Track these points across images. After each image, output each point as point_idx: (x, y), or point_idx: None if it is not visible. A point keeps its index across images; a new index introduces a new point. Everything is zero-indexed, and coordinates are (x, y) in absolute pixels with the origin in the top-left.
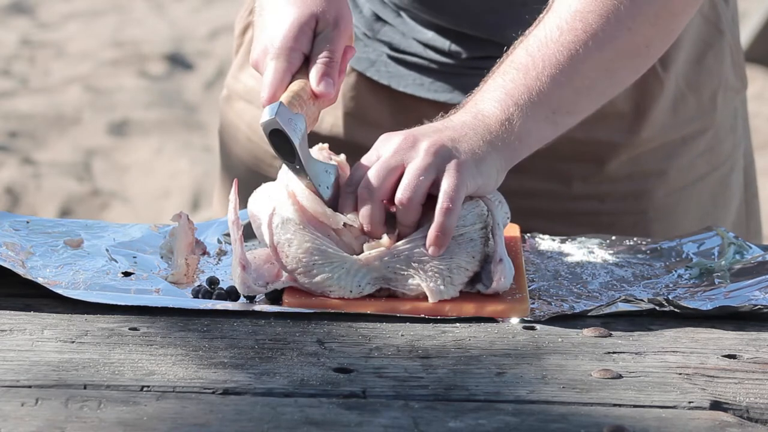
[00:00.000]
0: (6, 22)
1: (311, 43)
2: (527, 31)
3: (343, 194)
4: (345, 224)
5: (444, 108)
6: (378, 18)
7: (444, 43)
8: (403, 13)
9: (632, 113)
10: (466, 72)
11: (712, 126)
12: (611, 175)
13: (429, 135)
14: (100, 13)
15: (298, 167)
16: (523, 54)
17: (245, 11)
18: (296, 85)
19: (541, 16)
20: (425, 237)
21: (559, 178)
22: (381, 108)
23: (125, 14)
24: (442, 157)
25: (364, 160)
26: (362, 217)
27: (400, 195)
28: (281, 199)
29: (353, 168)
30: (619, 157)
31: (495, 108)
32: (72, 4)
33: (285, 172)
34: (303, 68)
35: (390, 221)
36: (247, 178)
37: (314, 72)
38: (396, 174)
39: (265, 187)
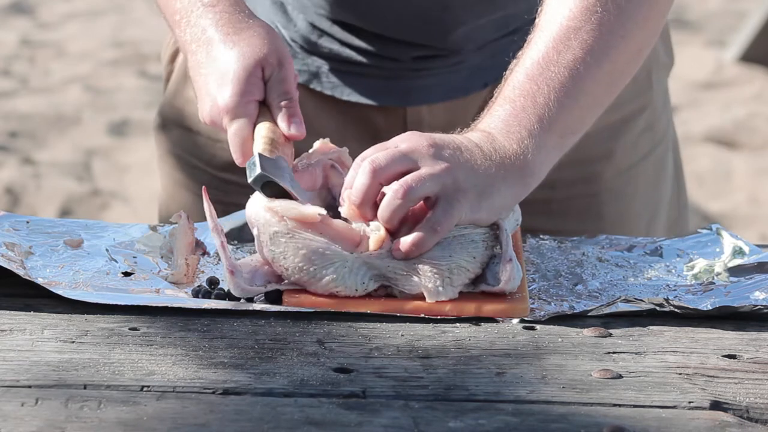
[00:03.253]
0: (6, 22)
1: (263, 89)
2: (520, 53)
3: (351, 170)
4: (340, 216)
5: (390, 113)
6: (314, 28)
7: (383, 49)
8: (338, 25)
9: None
10: (409, 74)
11: (650, 104)
12: (560, 161)
13: (452, 149)
14: (100, 13)
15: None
16: (523, 79)
17: (171, 39)
18: (264, 129)
19: (530, 36)
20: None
21: None
22: (327, 118)
23: (125, 14)
24: (453, 178)
25: (382, 143)
26: (356, 188)
27: (399, 184)
28: (261, 216)
29: (371, 148)
30: None
31: (512, 141)
32: (72, 4)
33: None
34: (263, 111)
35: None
36: (194, 205)
37: (281, 118)
38: (406, 165)
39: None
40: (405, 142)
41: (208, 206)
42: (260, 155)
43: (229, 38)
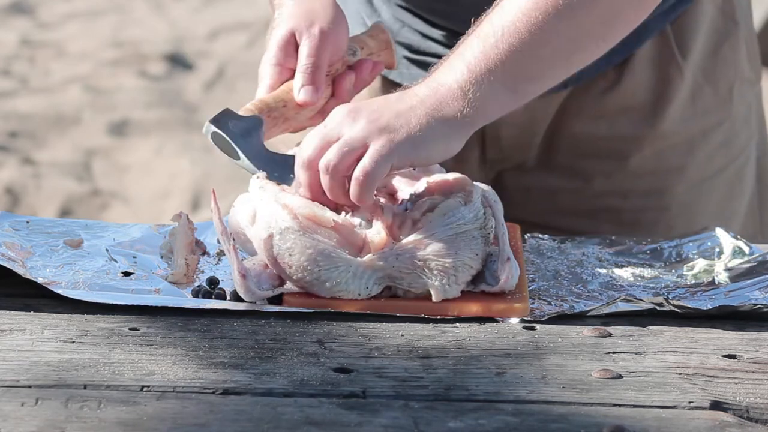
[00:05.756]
0: (6, 22)
1: (296, 58)
2: (495, 2)
3: (299, 167)
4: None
5: None
6: (396, 19)
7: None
8: (418, 18)
9: (652, 104)
10: None
11: (729, 118)
12: (634, 171)
13: (372, 110)
14: (100, 13)
15: (244, 163)
16: (486, 23)
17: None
18: (277, 90)
19: None
20: (428, 237)
21: (582, 175)
22: None
23: (125, 14)
24: (374, 129)
25: (312, 130)
26: (330, 192)
27: (358, 172)
28: (273, 211)
29: (304, 140)
30: (641, 152)
31: (451, 78)
32: (72, 4)
33: (259, 187)
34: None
35: (397, 220)
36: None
37: (295, 82)
38: (355, 150)
39: (243, 199)
40: (330, 119)
41: (215, 209)
42: (228, 109)
43: (286, 9)
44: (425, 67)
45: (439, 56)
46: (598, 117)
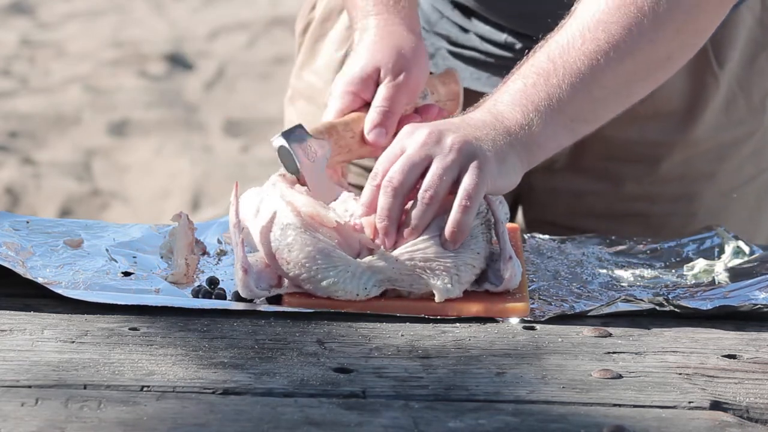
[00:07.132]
0: (6, 22)
1: (373, 92)
2: (549, 36)
3: (366, 187)
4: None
5: None
6: (435, 10)
7: (500, 36)
8: (458, 9)
9: (686, 111)
10: None
11: (761, 128)
12: (663, 177)
13: (453, 131)
14: (100, 13)
15: (302, 181)
16: (544, 59)
17: (305, 10)
18: (348, 117)
19: (563, 21)
20: (428, 238)
21: (611, 178)
22: None
23: (125, 14)
24: (466, 154)
25: (388, 153)
26: (381, 210)
27: (424, 191)
28: (278, 207)
29: (377, 162)
30: (672, 158)
31: (515, 112)
32: (72, 4)
33: (272, 184)
34: (365, 109)
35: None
36: None
37: (368, 120)
38: (421, 169)
39: (252, 192)
40: (408, 140)
41: (235, 201)
42: (300, 125)
43: (371, 35)
44: (464, 60)
45: (478, 50)
46: (630, 121)
